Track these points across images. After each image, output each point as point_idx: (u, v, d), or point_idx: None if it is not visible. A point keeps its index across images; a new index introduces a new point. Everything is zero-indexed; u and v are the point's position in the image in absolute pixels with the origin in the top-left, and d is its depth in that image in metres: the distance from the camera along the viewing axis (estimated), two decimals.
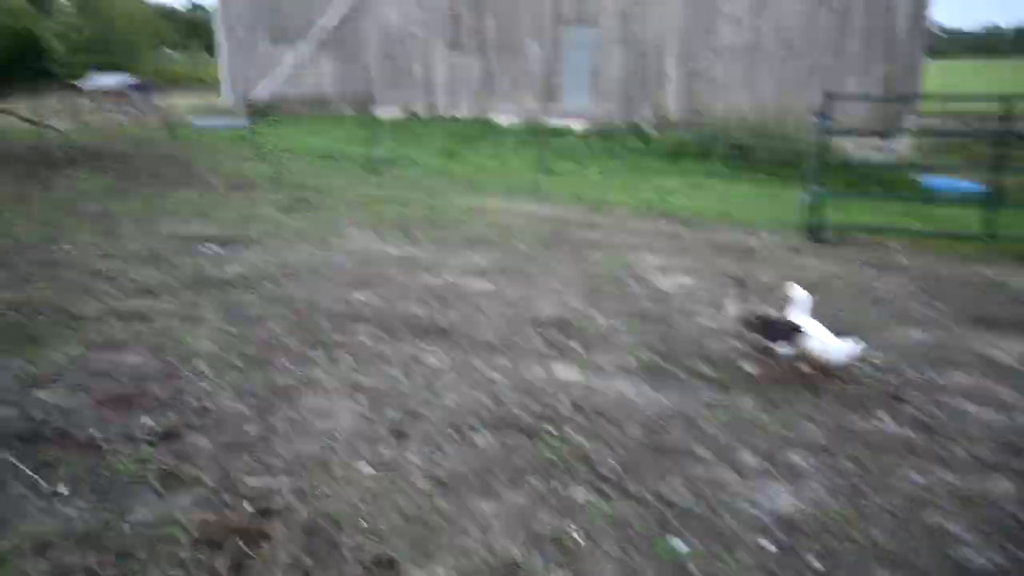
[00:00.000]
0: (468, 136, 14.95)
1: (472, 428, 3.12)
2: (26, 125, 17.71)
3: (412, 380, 3.60)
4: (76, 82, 27.42)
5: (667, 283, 5.47)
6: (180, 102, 23.98)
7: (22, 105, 22.63)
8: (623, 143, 13.88)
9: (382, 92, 19.26)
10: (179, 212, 7.67)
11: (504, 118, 16.67)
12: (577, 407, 3.34)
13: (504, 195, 9.58)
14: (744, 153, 12.06)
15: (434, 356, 3.93)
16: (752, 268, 5.84)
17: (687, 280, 5.56)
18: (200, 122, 18.54)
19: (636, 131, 14.60)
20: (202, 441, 2.90)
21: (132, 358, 3.70)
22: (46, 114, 19.19)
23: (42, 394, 3.23)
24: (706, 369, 3.82)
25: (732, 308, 4.53)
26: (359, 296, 4.99)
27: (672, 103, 15.11)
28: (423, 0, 18.14)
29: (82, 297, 4.62)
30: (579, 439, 3.04)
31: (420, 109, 18.55)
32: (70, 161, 11.33)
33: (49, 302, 4.48)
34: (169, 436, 2.92)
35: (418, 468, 2.80)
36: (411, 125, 16.85)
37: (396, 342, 4.11)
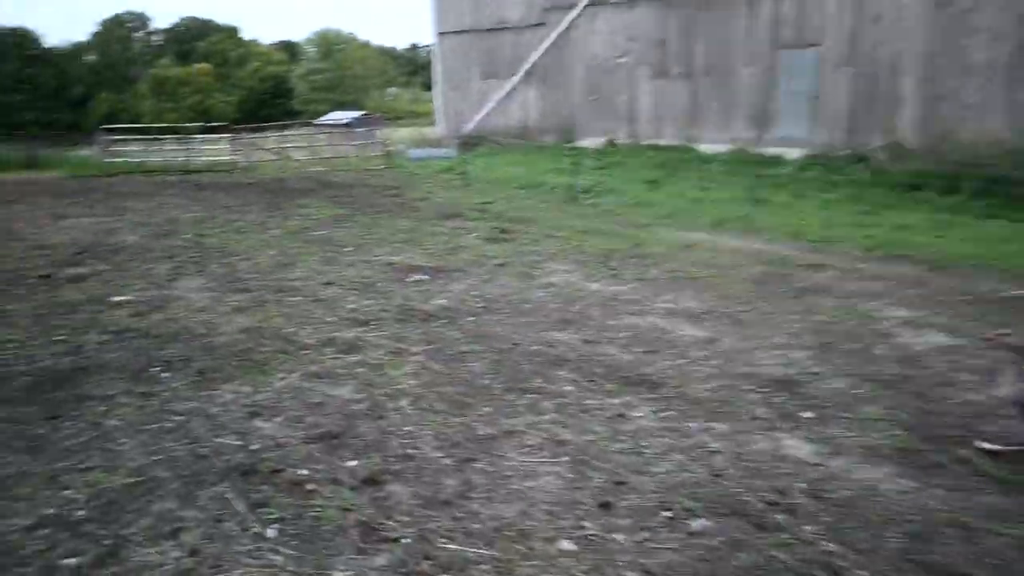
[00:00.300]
0: (672, 165, 14.43)
1: (688, 509, 2.71)
2: (273, 157, 20.09)
3: (618, 440, 3.26)
4: (315, 119, 30.49)
5: (917, 341, 4.63)
6: (398, 134, 25.97)
7: (271, 139, 25.80)
8: (847, 174, 12.56)
9: (585, 121, 19.32)
10: (391, 240, 8.05)
11: (710, 146, 15.90)
12: (814, 496, 2.80)
13: (712, 228, 8.98)
14: (1003, 186, 10.30)
15: (642, 413, 3.56)
16: None
17: (942, 339, 4.67)
18: (415, 153, 19.82)
19: (862, 161, 13.16)
20: (402, 491, 2.79)
21: (343, 391, 3.76)
22: (289, 147, 21.71)
23: (262, 424, 3.35)
24: (982, 461, 3.07)
25: (1008, 384, 3.68)
26: (560, 336, 4.77)
27: (908, 129, 13.43)
28: (630, 28, 17.96)
29: (305, 325, 4.87)
30: (820, 541, 2.51)
31: (622, 137, 18.31)
32: (304, 192, 12.51)
33: (276, 328, 4.77)
34: (371, 482, 2.85)
35: (625, 552, 2.45)
36: (613, 154, 16.66)
37: (600, 392, 3.81)
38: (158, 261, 6.78)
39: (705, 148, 15.97)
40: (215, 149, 20.97)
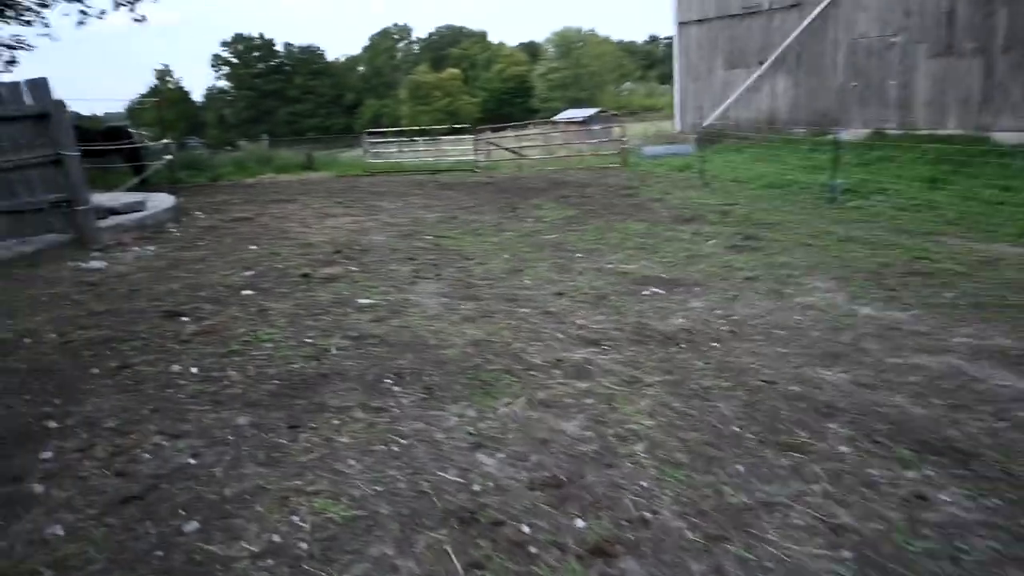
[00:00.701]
0: (958, 159, 12.19)
1: None
2: (511, 156, 20.66)
3: (921, 535, 2.48)
4: (551, 116, 30.93)
5: None
6: (633, 130, 25.43)
7: (510, 137, 26.65)
8: None
9: (845, 110, 17.20)
10: (625, 246, 7.60)
11: (1010, 135, 13.21)
12: None
13: (1020, 240, 7.27)
14: None
15: (950, 497, 2.72)
16: None
17: None
18: (650, 150, 19.15)
19: None
20: (637, 571, 2.33)
21: (570, 426, 3.39)
22: (526, 146, 22.23)
23: (484, 459, 3.09)
24: None
25: None
26: (827, 375, 3.96)
27: None
28: (907, 1, 15.56)
29: (533, 341, 4.61)
30: None
31: (892, 127, 15.99)
32: (539, 191, 12.52)
33: (505, 343, 4.56)
34: (601, 553, 2.42)
35: None
36: (880, 147, 14.55)
37: (888, 460, 3.01)
38: (401, 263, 7.02)
39: (1004, 138, 13.31)
40: (459, 149, 22.15)
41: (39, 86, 7.10)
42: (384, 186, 15.20)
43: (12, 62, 15.52)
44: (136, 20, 16.73)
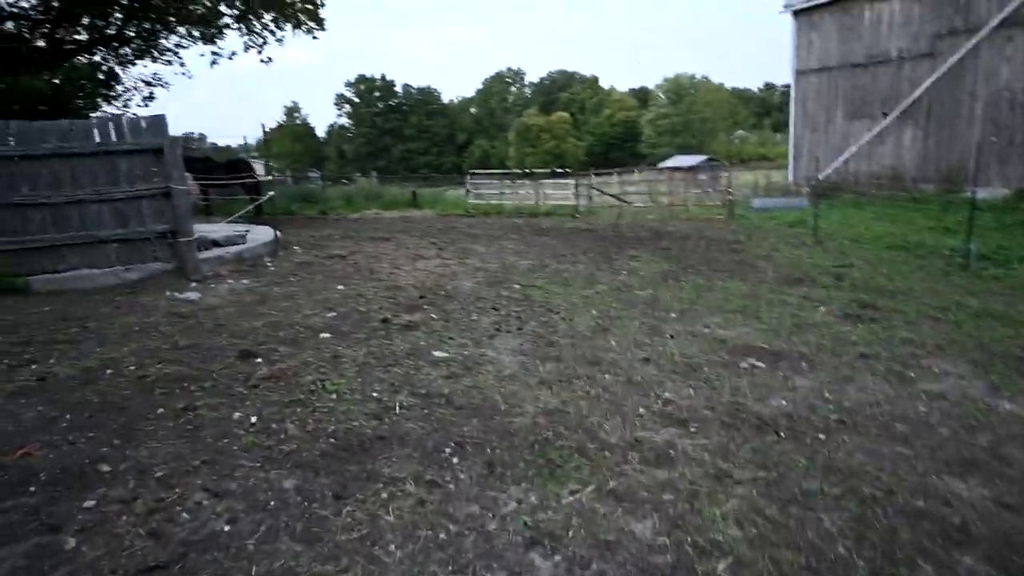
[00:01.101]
0: None
1: None
2: (613, 202, 20.30)
3: None
4: (658, 162, 30.45)
5: None
6: (743, 179, 24.51)
7: (613, 182, 26.37)
8: None
9: (983, 167, 15.77)
10: (724, 307, 7.04)
11: None
12: None
13: None
14: None
15: None
16: None
17: None
18: (759, 202, 18.30)
19: None
20: None
21: (644, 528, 2.95)
22: (629, 192, 21.85)
23: (540, 561, 2.71)
24: None
25: None
26: (960, 488, 3.32)
27: None
28: None
29: (612, 415, 4.20)
30: None
31: None
32: (637, 241, 12.09)
33: (580, 415, 4.18)
34: None
35: None
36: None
37: None
38: (484, 312, 6.78)
39: None
40: (560, 192, 22.04)
41: (156, 122, 7.49)
42: (481, 227, 15.21)
43: (150, 98, 16.88)
44: (263, 62, 17.78)
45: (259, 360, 5.14)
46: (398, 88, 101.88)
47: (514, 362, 5.25)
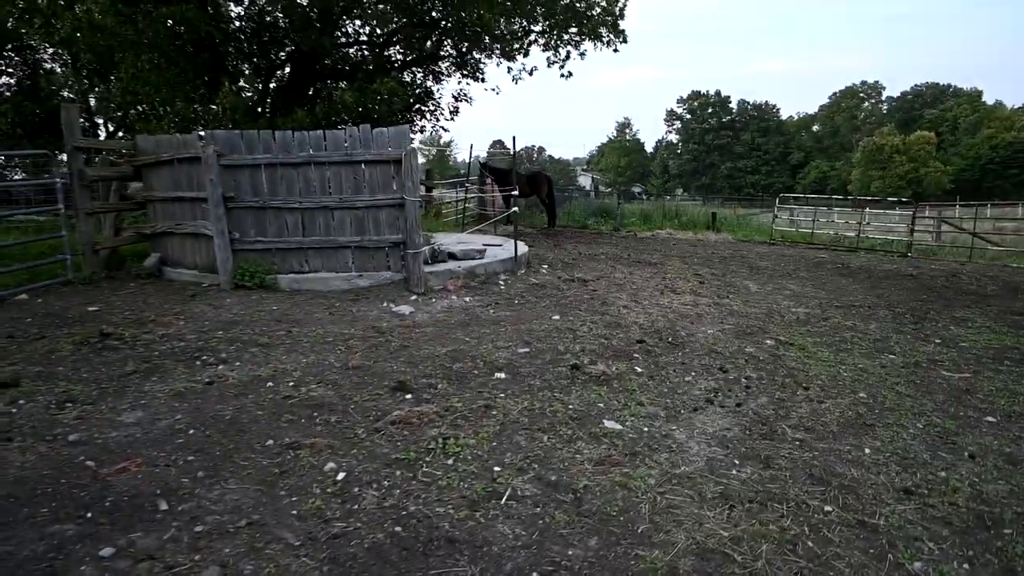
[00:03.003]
0: None
1: None
2: (972, 240, 16.28)
3: None
4: None
5: None
6: None
7: (987, 215, 21.33)
8: None
9: None
10: None
11: None
12: None
13: None
14: None
15: None
16: None
17: None
18: None
19: None
20: None
21: None
22: (995, 232, 17.36)
23: None
24: None
25: None
26: None
27: None
28: None
29: None
30: None
31: None
32: (977, 298, 9.23)
33: (751, 569, 2.76)
34: None
35: None
36: None
37: None
38: (706, 373, 5.40)
39: None
40: (896, 226, 18.43)
41: (399, 134, 7.55)
42: (772, 260, 13.16)
43: (455, 112, 18.00)
44: (563, 76, 17.87)
45: (409, 396, 4.59)
46: (733, 104, 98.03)
47: (703, 454, 3.89)
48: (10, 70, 25.46)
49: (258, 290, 7.71)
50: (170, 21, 11.66)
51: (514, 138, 9.99)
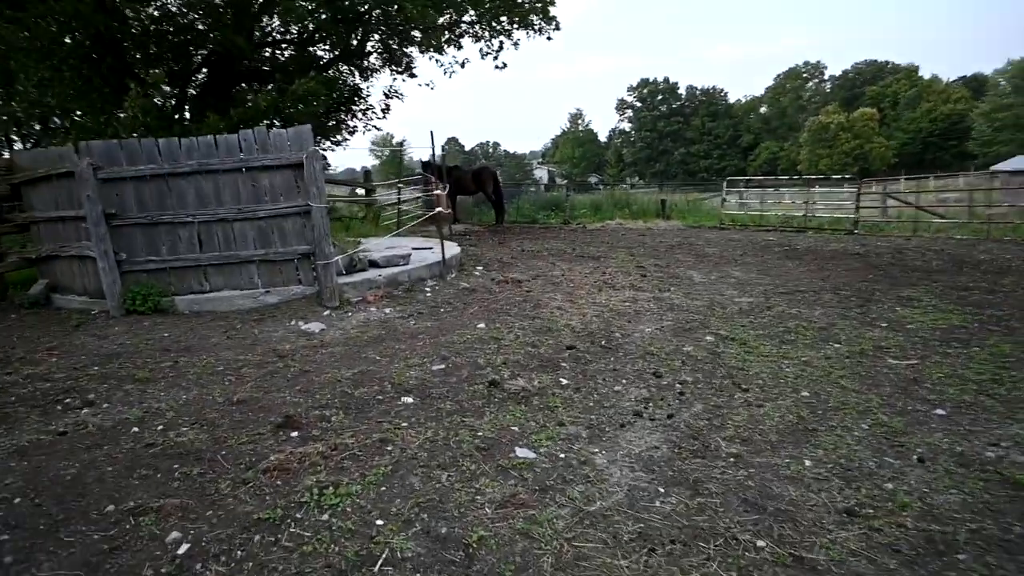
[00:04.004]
0: None
1: None
2: (912, 215, 16.27)
3: None
4: (992, 165, 24.83)
5: None
6: None
7: (920, 192, 21.57)
8: None
9: None
10: None
11: None
12: None
13: None
14: None
15: None
16: None
17: None
18: None
19: None
20: None
21: None
22: (937, 205, 17.39)
23: None
24: None
25: None
26: None
27: None
28: None
29: None
30: None
31: None
32: (923, 274, 8.98)
33: None
34: None
35: None
36: None
37: None
38: (637, 380, 4.93)
39: None
40: (843, 204, 18.35)
41: (299, 135, 6.92)
42: (719, 246, 12.83)
43: (386, 110, 17.35)
44: (497, 68, 17.34)
45: (295, 434, 4.01)
46: (682, 90, 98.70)
47: (625, 483, 3.40)
48: None
49: (152, 315, 7.00)
50: (61, 18, 10.72)
51: (431, 132, 9.42)
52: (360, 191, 17.53)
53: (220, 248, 7.17)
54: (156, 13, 13.74)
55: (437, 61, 16.80)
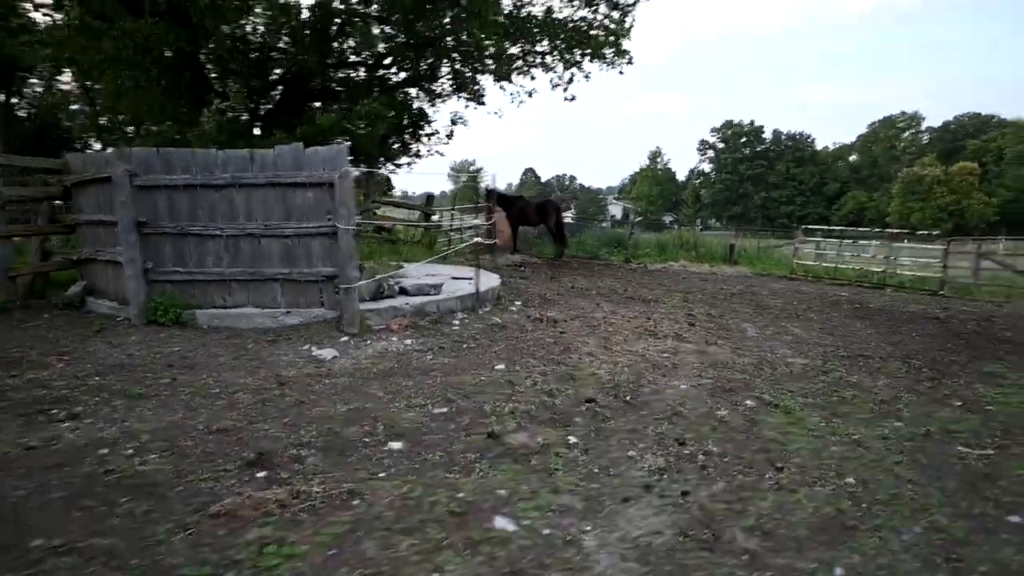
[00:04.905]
0: None
1: None
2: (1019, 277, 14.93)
3: None
4: None
5: None
6: None
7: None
8: None
9: None
10: None
11: None
12: None
13: None
14: None
15: None
16: None
17: None
18: None
19: None
20: None
21: None
22: None
23: None
24: None
25: None
26: None
27: None
28: None
29: None
30: None
31: None
32: (1012, 347, 8.03)
33: None
34: None
35: None
36: None
37: None
38: (655, 447, 4.39)
39: None
40: (924, 262, 17.08)
41: (334, 155, 6.74)
42: (784, 298, 11.99)
43: (451, 135, 17.36)
44: (567, 100, 17.12)
45: (261, 474, 3.68)
46: (767, 134, 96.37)
47: (615, 573, 2.89)
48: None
49: (172, 327, 6.91)
50: (139, 37, 11.14)
51: (472, 161, 9.07)
52: (419, 214, 17.51)
53: (246, 264, 7.05)
54: (238, 32, 14.17)
55: (505, 89, 16.75)
